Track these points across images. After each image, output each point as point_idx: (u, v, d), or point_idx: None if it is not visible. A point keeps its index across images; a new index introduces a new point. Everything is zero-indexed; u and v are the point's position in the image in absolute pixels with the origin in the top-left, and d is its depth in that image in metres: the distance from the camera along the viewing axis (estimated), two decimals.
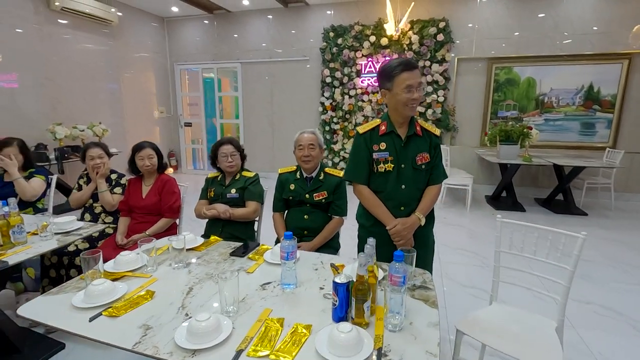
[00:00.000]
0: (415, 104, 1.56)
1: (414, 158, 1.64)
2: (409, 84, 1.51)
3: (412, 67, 1.51)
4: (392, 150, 1.63)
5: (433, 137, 1.68)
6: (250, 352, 0.95)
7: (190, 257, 1.56)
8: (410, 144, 1.64)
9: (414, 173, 1.64)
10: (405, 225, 1.60)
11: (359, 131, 1.71)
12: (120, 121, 5.86)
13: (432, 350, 0.96)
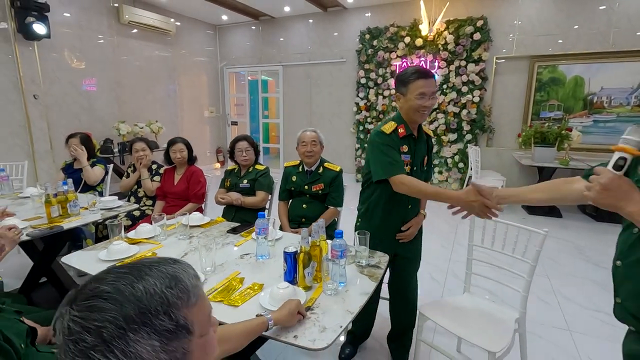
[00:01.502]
0: (427, 111, 1.58)
1: (422, 160, 1.73)
2: (422, 92, 1.53)
3: (428, 75, 1.55)
4: (410, 152, 1.66)
5: (430, 139, 1.80)
6: (211, 298, 1.23)
7: (194, 232, 1.90)
8: (420, 145, 1.71)
9: (421, 174, 1.71)
10: (417, 225, 1.77)
11: (386, 131, 1.63)
12: (175, 120, 6.59)
13: (351, 309, 1.16)
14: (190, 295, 0.54)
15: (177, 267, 0.56)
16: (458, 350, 2.01)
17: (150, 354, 0.48)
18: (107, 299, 0.48)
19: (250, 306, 1.19)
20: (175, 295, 0.52)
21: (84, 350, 0.46)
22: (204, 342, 0.55)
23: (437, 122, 5.58)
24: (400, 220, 1.73)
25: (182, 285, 0.54)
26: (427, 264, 3.11)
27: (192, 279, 0.56)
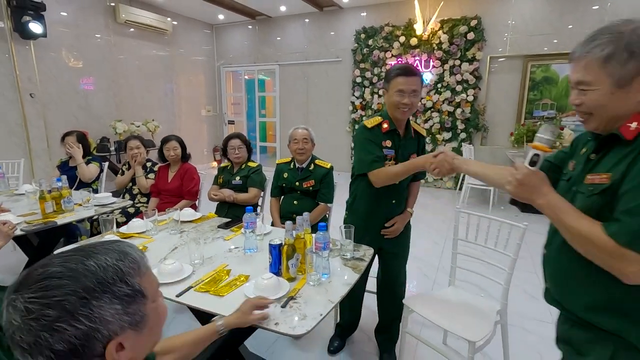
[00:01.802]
0: (405, 108, 1.59)
1: (408, 157, 1.71)
2: (401, 89, 1.57)
3: (409, 73, 1.57)
4: (394, 148, 1.69)
5: (421, 138, 1.80)
6: (197, 288, 1.27)
7: (186, 227, 1.94)
8: (407, 143, 1.72)
9: None
10: (403, 222, 1.79)
11: (367, 125, 1.68)
12: (173, 118, 6.62)
13: (333, 299, 1.21)
14: (140, 265, 0.60)
15: (122, 244, 0.62)
16: (444, 342, 2.05)
17: (114, 317, 0.54)
18: (60, 277, 0.52)
19: (235, 296, 1.24)
20: (127, 266, 0.58)
21: (48, 324, 0.49)
22: (156, 306, 0.62)
23: (431, 120, 5.62)
24: (385, 215, 1.77)
25: (131, 257, 0.60)
26: (418, 260, 3.16)
27: (138, 252, 0.63)
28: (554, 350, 1.03)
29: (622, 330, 0.81)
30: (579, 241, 0.82)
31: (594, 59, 0.80)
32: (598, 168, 0.85)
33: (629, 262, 0.74)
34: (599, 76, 0.80)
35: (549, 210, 0.86)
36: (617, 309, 0.82)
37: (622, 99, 0.80)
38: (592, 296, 0.85)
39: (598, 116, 0.84)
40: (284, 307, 1.16)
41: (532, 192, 0.88)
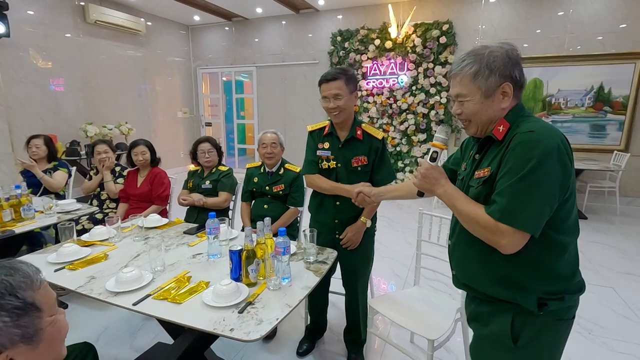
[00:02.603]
0: (335, 112, 1.67)
1: (350, 160, 1.75)
2: (324, 95, 1.67)
3: (329, 79, 1.64)
4: (332, 150, 1.76)
5: (374, 140, 1.76)
6: (155, 296, 1.27)
7: (151, 233, 1.91)
8: (348, 146, 1.75)
9: (349, 173, 1.75)
10: (354, 232, 1.77)
11: (308, 129, 1.86)
12: (147, 120, 6.49)
13: (290, 303, 1.23)
14: (33, 279, 0.61)
15: (14, 261, 0.63)
16: (411, 340, 2.10)
17: (2, 330, 0.54)
18: None
19: (193, 303, 1.24)
20: (17, 280, 0.59)
21: None
22: (54, 320, 0.63)
23: (407, 122, 5.73)
24: (331, 217, 1.80)
25: (22, 272, 0.61)
26: (390, 260, 3.23)
27: (32, 268, 0.64)
28: None
29: (517, 298, 0.96)
30: (468, 222, 0.97)
31: (465, 75, 0.98)
32: (481, 165, 1.02)
33: (503, 234, 0.89)
34: (471, 89, 0.98)
35: (445, 197, 1.02)
36: (510, 282, 0.96)
37: (489, 106, 0.98)
38: (490, 274, 1.00)
39: (475, 122, 1.02)
40: (241, 313, 1.17)
41: (433, 184, 1.04)
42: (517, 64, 0.97)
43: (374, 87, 5.87)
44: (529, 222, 0.88)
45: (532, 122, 0.94)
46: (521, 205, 0.88)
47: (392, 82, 5.73)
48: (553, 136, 0.89)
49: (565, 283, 0.96)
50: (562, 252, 0.95)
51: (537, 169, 0.87)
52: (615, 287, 2.75)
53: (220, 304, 1.20)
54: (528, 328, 0.96)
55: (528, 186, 0.87)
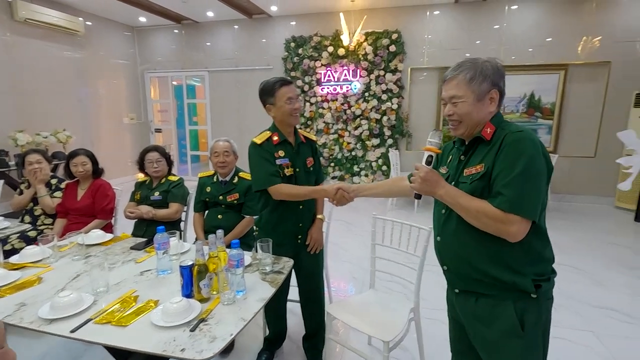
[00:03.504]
0: (298, 112, 1.76)
1: (305, 162, 1.85)
2: (289, 96, 1.71)
3: (288, 82, 1.74)
4: (289, 156, 1.78)
5: (313, 143, 1.92)
6: (97, 320, 1.18)
7: (93, 250, 1.78)
8: (300, 150, 1.84)
9: (306, 175, 1.84)
10: (317, 231, 1.85)
11: (257, 142, 1.77)
12: (89, 127, 6.04)
13: (245, 317, 1.20)
14: None
15: None
16: (369, 343, 2.15)
17: None
18: None
19: (140, 324, 1.17)
20: None
21: None
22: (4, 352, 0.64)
23: (361, 128, 5.88)
24: (296, 223, 1.82)
25: None
26: (349, 263, 3.28)
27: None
28: None
29: (516, 281, 1.05)
30: (475, 216, 1.04)
31: (462, 79, 1.10)
32: (470, 163, 1.12)
33: (512, 223, 0.99)
34: (466, 91, 1.10)
35: (448, 197, 1.09)
36: (508, 267, 1.06)
37: (480, 109, 1.10)
38: (489, 261, 1.08)
39: (465, 122, 1.12)
40: (193, 331, 1.12)
41: (434, 186, 1.10)
42: (502, 77, 1.11)
43: (328, 93, 5.96)
44: (533, 210, 0.99)
45: (512, 126, 1.08)
46: (525, 195, 0.98)
47: (345, 88, 5.86)
48: (534, 136, 1.05)
49: (549, 264, 1.10)
50: (546, 236, 1.09)
51: (533, 163, 0.99)
52: None
53: (171, 323, 1.14)
54: (529, 312, 1.06)
55: (528, 178, 0.99)
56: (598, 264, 3.28)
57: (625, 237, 3.94)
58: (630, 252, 3.56)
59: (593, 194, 5.35)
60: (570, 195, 5.45)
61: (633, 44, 4.92)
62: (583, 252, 3.54)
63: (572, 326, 2.34)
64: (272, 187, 1.71)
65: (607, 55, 5.01)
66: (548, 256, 1.10)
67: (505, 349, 1.09)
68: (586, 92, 5.18)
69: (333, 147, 6.11)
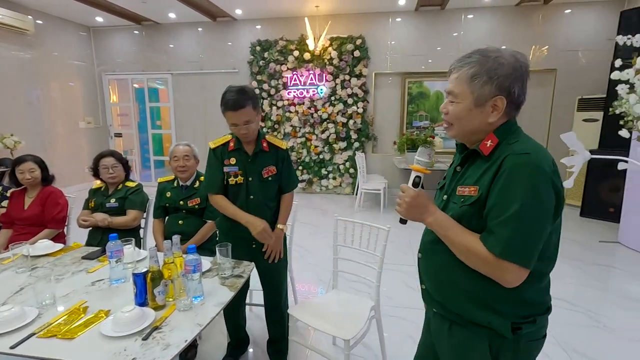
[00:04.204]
0: (246, 137, 1.70)
1: (261, 172, 1.77)
2: (233, 122, 1.65)
3: (236, 107, 1.59)
4: (240, 165, 1.75)
5: (279, 151, 1.81)
6: (41, 334, 1.12)
7: (41, 262, 1.69)
8: (257, 159, 1.77)
9: (262, 185, 1.77)
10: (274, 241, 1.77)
11: (211, 146, 1.78)
12: (41, 131, 5.69)
13: (201, 322, 1.19)
14: None
15: None
16: (333, 343, 2.18)
17: None
18: None
19: (89, 336, 1.12)
20: None
21: None
22: None
23: (328, 131, 5.94)
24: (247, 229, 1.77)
25: None
26: (315, 266, 3.30)
27: None
28: None
29: (491, 322, 0.92)
30: (464, 254, 0.90)
31: (463, 74, 0.91)
32: (465, 179, 0.96)
33: (507, 271, 0.84)
34: (465, 90, 0.91)
35: (437, 227, 0.94)
36: (486, 305, 0.93)
37: (477, 116, 0.91)
38: (467, 297, 0.95)
39: (456, 127, 0.96)
40: (145, 340, 1.10)
41: (422, 212, 0.96)
42: (520, 80, 0.89)
43: (295, 96, 5.98)
44: (529, 258, 0.84)
45: (525, 143, 0.88)
46: (521, 240, 0.83)
47: (312, 92, 5.92)
48: (547, 159, 0.85)
49: (537, 308, 0.95)
50: (539, 279, 0.92)
51: (535, 199, 0.83)
52: None
53: (121, 333, 1.11)
54: (504, 352, 0.94)
55: (528, 218, 0.83)
56: None
57: (571, 231, 4.25)
58: (575, 245, 3.84)
59: None
60: None
61: (575, 53, 5.34)
62: None
63: None
64: (211, 195, 1.77)
65: (553, 63, 5.40)
66: (538, 299, 0.94)
67: None
68: (536, 97, 5.55)
69: (301, 151, 6.13)
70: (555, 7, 5.29)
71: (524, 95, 0.91)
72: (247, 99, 1.62)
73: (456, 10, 5.53)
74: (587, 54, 5.30)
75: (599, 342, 2.21)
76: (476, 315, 0.93)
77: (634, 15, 4.07)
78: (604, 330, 2.34)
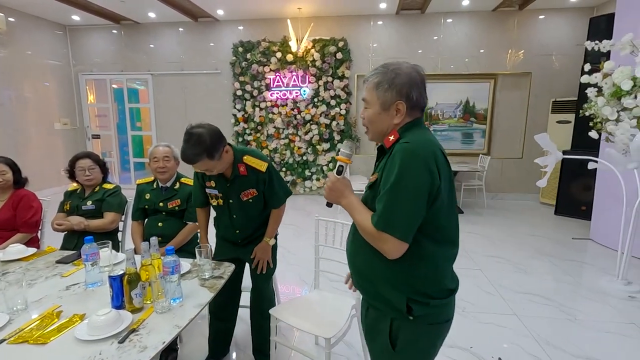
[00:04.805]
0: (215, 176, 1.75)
1: (239, 195, 1.78)
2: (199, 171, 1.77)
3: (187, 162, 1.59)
4: (220, 188, 1.79)
5: (259, 174, 1.76)
6: (12, 340, 1.09)
7: (12, 267, 1.63)
8: (235, 183, 1.77)
9: (243, 205, 1.80)
10: (261, 251, 1.83)
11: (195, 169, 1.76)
12: (13, 133, 5.49)
13: (180, 324, 1.18)
14: None
15: None
16: (316, 342, 2.19)
17: None
18: None
19: (63, 341, 1.10)
20: None
21: None
22: None
23: (311, 132, 5.96)
24: (232, 230, 1.86)
25: None
26: (297, 266, 3.30)
27: None
28: None
29: (391, 298, 1.02)
30: (362, 231, 1.02)
31: (370, 84, 1.05)
32: (375, 171, 1.09)
33: (384, 241, 0.95)
34: (373, 97, 1.05)
35: (347, 208, 1.07)
36: (387, 280, 1.02)
37: (385, 119, 1.05)
38: (373, 273, 1.05)
39: (371, 129, 1.09)
40: (121, 343, 1.08)
41: (339, 196, 1.08)
42: (416, 86, 1.02)
43: (278, 98, 5.98)
44: (403, 230, 0.93)
45: (414, 135, 1.00)
46: (392, 212, 0.93)
47: (295, 93, 5.93)
48: (426, 147, 0.96)
49: (430, 290, 1.01)
50: (429, 259, 1.00)
51: (406, 177, 0.92)
52: (482, 269, 3.28)
53: (97, 337, 1.09)
54: (404, 332, 1.02)
55: (398, 194, 0.93)
56: (522, 254, 3.63)
57: (546, 229, 4.40)
58: (550, 242, 3.98)
59: (521, 191, 5.91)
60: (502, 194, 5.96)
61: (549, 57, 5.54)
62: (510, 244, 3.90)
63: (498, 311, 2.57)
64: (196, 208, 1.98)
65: (528, 67, 5.59)
66: (429, 280, 1.01)
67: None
68: (513, 100, 5.73)
69: (284, 152, 6.13)
70: (530, 13, 5.48)
71: (424, 99, 1.06)
72: (200, 153, 1.55)
73: (436, 14, 5.65)
74: (560, 58, 5.52)
75: (570, 334, 2.30)
76: (379, 290, 1.04)
77: (602, 22, 4.26)
78: (575, 322, 2.44)
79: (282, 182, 1.88)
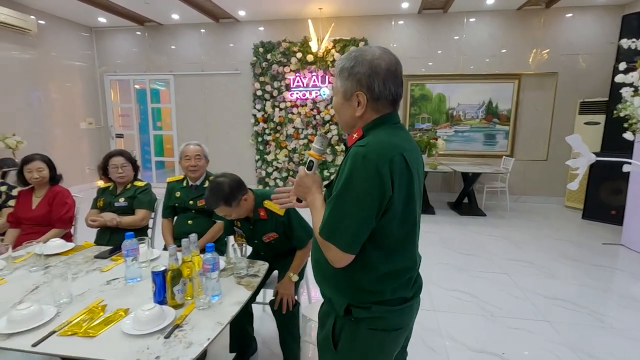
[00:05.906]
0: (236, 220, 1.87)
1: (261, 237, 1.85)
2: None
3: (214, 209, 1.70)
4: (244, 229, 1.88)
5: (278, 217, 1.80)
6: (62, 332, 1.11)
7: (53, 261, 1.68)
8: (257, 226, 1.83)
9: (267, 245, 1.88)
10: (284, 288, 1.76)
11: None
12: (42, 132, 5.67)
13: (222, 321, 1.19)
14: None
15: None
16: None
17: None
18: None
19: (110, 334, 1.12)
20: None
21: None
22: None
23: (330, 133, 5.96)
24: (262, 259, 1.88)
25: None
26: None
27: None
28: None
29: (332, 299, 1.00)
30: (314, 233, 0.96)
31: (336, 69, 0.98)
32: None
33: (328, 249, 0.90)
34: (337, 85, 0.98)
35: (310, 206, 1.03)
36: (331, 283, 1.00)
37: (347, 109, 0.97)
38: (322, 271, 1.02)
39: (339, 120, 1.04)
40: (167, 338, 1.09)
41: (305, 192, 1.04)
42: (379, 76, 0.91)
43: (297, 98, 5.99)
44: (344, 241, 0.87)
45: (375, 136, 0.91)
46: (337, 221, 0.87)
47: (315, 94, 5.93)
48: (382, 152, 0.86)
49: (371, 296, 0.94)
50: (373, 269, 0.92)
51: (354, 184, 0.85)
52: (508, 273, 3.20)
53: (143, 331, 1.11)
54: (345, 333, 0.98)
55: (344, 201, 0.86)
56: (549, 258, 3.53)
57: (573, 233, 4.27)
58: (578, 246, 3.86)
59: (545, 194, 5.76)
60: (525, 196, 5.82)
61: (576, 56, 5.38)
62: (535, 248, 3.80)
63: (528, 316, 2.50)
64: None
65: (554, 66, 5.44)
66: (370, 287, 0.94)
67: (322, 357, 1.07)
68: (537, 100, 5.59)
69: (303, 152, 6.13)
70: (557, 11, 5.34)
71: (391, 91, 0.93)
72: (218, 200, 1.65)
73: (458, 13, 5.57)
74: (588, 58, 5.35)
75: (604, 342, 2.22)
76: (324, 289, 1.03)
77: (635, 19, 4.12)
78: (610, 330, 2.35)
79: (302, 223, 1.87)
